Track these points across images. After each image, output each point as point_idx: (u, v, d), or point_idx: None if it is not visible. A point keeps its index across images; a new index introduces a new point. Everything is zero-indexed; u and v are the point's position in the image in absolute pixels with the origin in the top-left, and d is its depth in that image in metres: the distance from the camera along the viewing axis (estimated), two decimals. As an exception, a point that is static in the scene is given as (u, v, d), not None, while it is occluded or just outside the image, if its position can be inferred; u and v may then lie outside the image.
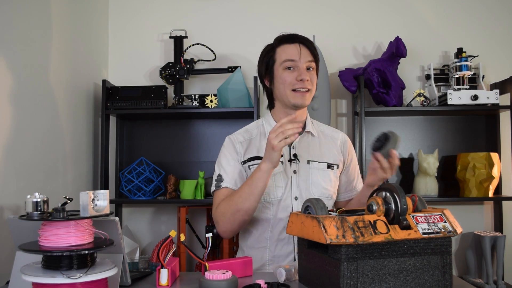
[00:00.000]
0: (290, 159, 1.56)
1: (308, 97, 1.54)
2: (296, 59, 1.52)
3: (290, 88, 1.52)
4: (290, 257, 1.53)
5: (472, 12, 2.60)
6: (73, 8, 2.18)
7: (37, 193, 0.99)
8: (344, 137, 1.68)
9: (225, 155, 1.60)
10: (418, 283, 1.02)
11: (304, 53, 1.53)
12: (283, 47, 1.55)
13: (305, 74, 1.51)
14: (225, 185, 1.54)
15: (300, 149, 1.57)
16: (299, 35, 1.57)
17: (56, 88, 1.98)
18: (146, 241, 2.59)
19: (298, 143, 1.58)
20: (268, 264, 1.54)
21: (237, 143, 1.60)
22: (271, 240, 1.54)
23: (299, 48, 1.53)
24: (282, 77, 1.53)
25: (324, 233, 0.97)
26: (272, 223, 1.54)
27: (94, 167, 2.42)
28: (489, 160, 2.31)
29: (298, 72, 1.51)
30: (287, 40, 1.56)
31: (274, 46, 1.58)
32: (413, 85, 2.57)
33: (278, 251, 1.54)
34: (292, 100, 1.53)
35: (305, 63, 1.52)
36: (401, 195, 1.03)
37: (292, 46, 1.54)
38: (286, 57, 1.53)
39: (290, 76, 1.52)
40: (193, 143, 2.59)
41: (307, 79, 1.51)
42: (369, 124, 2.55)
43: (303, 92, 1.52)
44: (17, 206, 1.61)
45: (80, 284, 0.94)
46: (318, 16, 2.62)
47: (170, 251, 1.17)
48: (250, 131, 1.65)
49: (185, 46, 2.47)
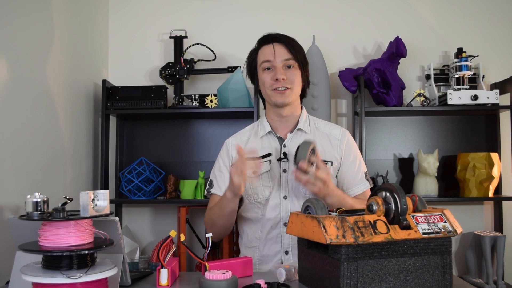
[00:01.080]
0: (280, 158, 1.55)
1: (289, 95, 1.54)
2: (271, 59, 1.53)
3: (269, 88, 1.54)
4: (277, 256, 1.53)
5: (472, 12, 2.60)
6: (73, 8, 2.18)
7: (37, 193, 0.99)
8: (341, 132, 1.63)
9: (218, 161, 1.65)
10: (418, 283, 1.02)
11: (280, 52, 1.53)
12: (262, 48, 1.58)
13: (281, 73, 1.51)
14: (214, 191, 1.61)
15: (291, 147, 1.56)
16: (275, 34, 1.57)
17: (56, 88, 1.98)
18: (146, 241, 2.59)
19: (289, 141, 1.58)
20: (257, 264, 1.56)
21: (230, 146, 1.64)
22: (261, 240, 1.55)
23: (272, 48, 1.54)
24: (262, 79, 1.57)
25: (324, 233, 0.97)
26: (262, 222, 1.55)
27: (94, 167, 2.42)
28: (489, 160, 2.31)
29: (274, 72, 1.53)
30: (264, 41, 1.58)
31: (257, 48, 1.61)
32: (413, 85, 2.57)
33: (267, 251, 1.55)
34: (272, 99, 1.55)
35: (281, 62, 1.53)
36: (401, 195, 1.03)
37: (268, 46, 1.56)
38: (263, 58, 1.55)
39: (268, 76, 1.54)
40: (193, 143, 2.59)
41: (282, 78, 1.51)
42: (369, 124, 2.55)
43: (282, 91, 1.53)
44: (17, 206, 1.61)
45: (80, 284, 0.94)
46: (318, 16, 2.62)
47: (170, 251, 1.17)
48: (245, 133, 1.68)
49: (185, 46, 2.47)
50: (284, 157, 1.55)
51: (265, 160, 1.56)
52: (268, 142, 1.60)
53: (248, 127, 1.70)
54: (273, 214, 1.53)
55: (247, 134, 1.66)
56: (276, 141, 1.59)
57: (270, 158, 1.56)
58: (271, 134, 1.61)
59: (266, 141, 1.60)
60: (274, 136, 1.60)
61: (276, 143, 1.59)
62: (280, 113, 1.58)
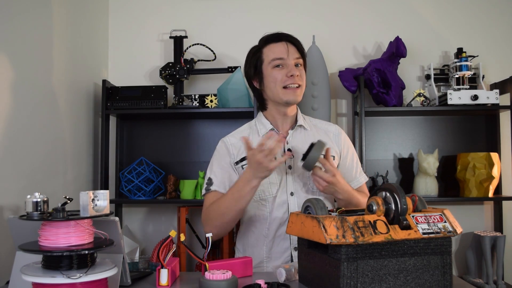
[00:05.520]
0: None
1: (299, 93, 1.56)
2: (285, 57, 1.54)
3: (281, 85, 1.54)
4: (286, 253, 1.53)
5: (472, 12, 2.60)
6: (73, 8, 2.18)
7: (37, 193, 0.99)
8: (337, 129, 1.68)
9: (217, 159, 1.62)
10: (418, 283, 1.02)
11: (292, 51, 1.55)
12: (269, 46, 1.57)
13: (295, 70, 1.53)
14: (215, 188, 1.57)
15: (294, 143, 1.58)
16: (285, 33, 1.59)
17: (56, 88, 1.98)
18: (146, 241, 2.59)
19: (291, 138, 1.59)
20: (265, 261, 1.55)
21: (230, 145, 1.62)
22: (268, 238, 1.55)
23: (286, 46, 1.55)
24: (272, 76, 1.55)
25: (324, 233, 0.97)
26: (269, 220, 1.55)
27: (94, 167, 2.42)
28: (489, 160, 2.31)
29: (287, 69, 1.53)
30: (273, 39, 1.58)
31: (260, 47, 1.60)
32: (413, 85, 2.57)
33: (275, 248, 1.55)
34: (283, 97, 1.54)
35: (293, 59, 1.54)
36: (401, 195, 1.03)
37: (279, 44, 1.56)
38: (274, 56, 1.55)
39: (280, 73, 1.54)
40: (193, 143, 2.59)
41: (297, 74, 1.53)
42: (369, 124, 2.54)
43: (294, 88, 1.54)
44: (17, 206, 1.61)
45: (80, 284, 0.94)
46: (318, 16, 2.62)
47: (170, 251, 1.18)
48: (243, 131, 1.67)
49: (185, 46, 2.47)
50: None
51: None
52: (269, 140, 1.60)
53: (244, 126, 1.70)
54: (281, 211, 1.53)
55: (245, 132, 1.65)
56: None
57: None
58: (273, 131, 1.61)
59: None
60: (276, 134, 1.60)
61: None
62: (285, 112, 1.59)
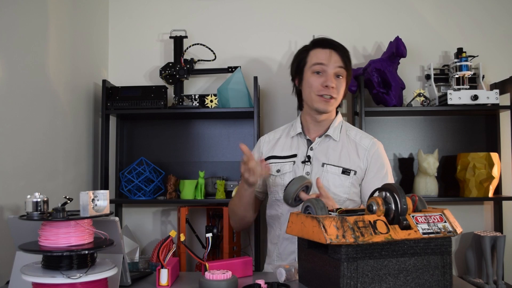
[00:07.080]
0: (304, 160, 1.57)
1: (333, 104, 1.54)
2: (325, 63, 1.52)
3: (315, 93, 1.53)
4: (292, 256, 1.55)
5: (472, 12, 2.59)
6: (73, 8, 2.18)
7: (37, 193, 0.99)
8: (371, 143, 1.59)
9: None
10: (418, 283, 1.02)
11: (335, 59, 1.53)
12: (315, 50, 1.57)
13: (332, 80, 1.51)
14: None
15: (317, 151, 1.58)
16: (334, 41, 1.58)
17: (56, 88, 1.98)
18: (146, 241, 2.59)
19: (317, 145, 1.59)
20: (276, 261, 1.60)
21: (263, 142, 1.70)
22: (280, 238, 1.59)
23: (329, 53, 1.54)
24: (309, 81, 1.55)
25: (324, 233, 0.97)
26: (281, 221, 1.58)
27: (94, 167, 2.41)
28: (489, 160, 2.31)
29: (325, 78, 1.52)
30: (321, 44, 1.58)
31: (308, 48, 1.60)
32: (413, 85, 2.57)
33: (283, 249, 1.58)
34: (315, 104, 1.54)
35: (334, 69, 1.52)
36: (401, 195, 1.03)
37: (324, 50, 1.55)
38: (316, 61, 1.54)
39: (317, 81, 1.53)
40: (193, 143, 2.59)
41: (332, 85, 1.51)
42: (369, 124, 2.54)
43: (327, 99, 1.52)
44: (17, 206, 1.61)
45: (80, 284, 0.94)
46: (318, 16, 2.62)
47: (170, 251, 1.18)
48: (278, 131, 1.72)
49: (185, 46, 2.47)
50: (308, 160, 1.56)
51: (290, 161, 1.59)
52: (296, 143, 1.63)
53: (283, 126, 1.74)
54: None
55: (279, 132, 1.70)
56: (305, 143, 1.62)
57: (294, 159, 1.58)
58: (301, 136, 1.63)
59: (295, 142, 1.63)
60: (304, 138, 1.62)
61: (304, 145, 1.61)
62: (316, 118, 1.59)
